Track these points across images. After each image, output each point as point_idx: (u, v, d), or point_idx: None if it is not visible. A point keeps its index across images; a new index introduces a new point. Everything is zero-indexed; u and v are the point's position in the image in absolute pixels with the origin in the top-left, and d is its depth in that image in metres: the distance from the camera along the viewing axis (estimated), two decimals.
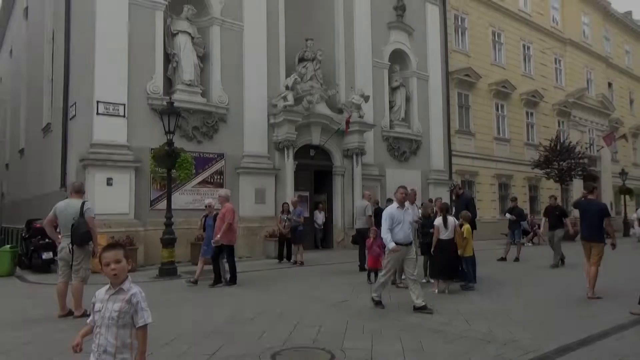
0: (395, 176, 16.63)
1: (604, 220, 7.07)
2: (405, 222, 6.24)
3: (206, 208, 9.09)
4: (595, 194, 7.60)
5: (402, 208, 6.34)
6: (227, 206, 8.30)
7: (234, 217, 8.29)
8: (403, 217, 6.27)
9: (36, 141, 15.63)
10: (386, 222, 6.23)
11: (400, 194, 6.43)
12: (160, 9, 12.20)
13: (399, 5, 17.71)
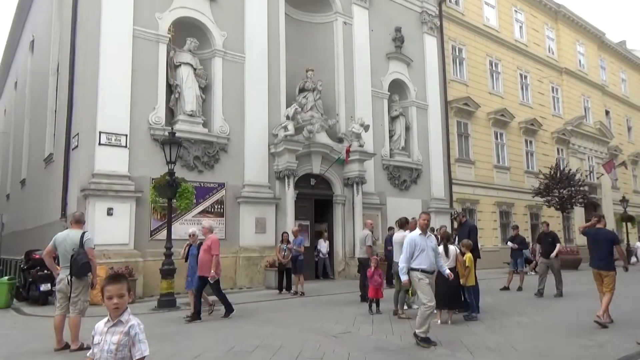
0: (396, 205, 16.64)
1: (614, 248, 7.11)
2: (428, 248, 6.08)
3: (189, 237, 8.89)
4: (603, 222, 7.67)
5: (424, 235, 6.19)
6: (212, 237, 8.16)
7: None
8: (426, 243, 6.12)
9: (38, 172, 15.70)
10: (407, 250, 6.07)
11: (422, 220, 6.28)
12: (163, 42, 12.45)
13: (397, 37, 18.05)
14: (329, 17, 16.63)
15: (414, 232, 6.36)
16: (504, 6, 24.53)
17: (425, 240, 6.15)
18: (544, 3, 26.79)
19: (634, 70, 35.93)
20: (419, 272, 6.01)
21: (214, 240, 8.07)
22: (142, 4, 12.16)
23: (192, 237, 8.80)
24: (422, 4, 19.37)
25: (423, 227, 6.24)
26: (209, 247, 7.98)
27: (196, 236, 8.78)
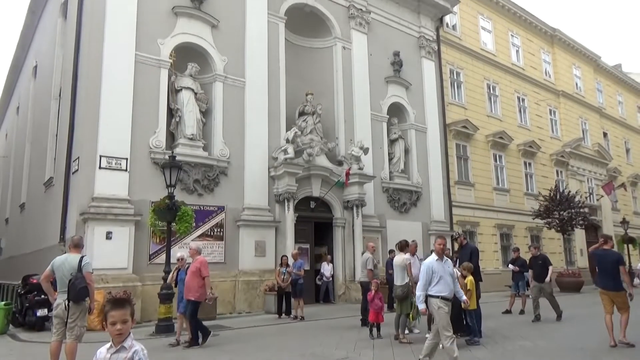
0: (396, 227, 16.59)
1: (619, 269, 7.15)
2: (446, 274, 5.89)
3: (178, 261, 8.68)
4: (610, 244, 7.70)
5: (441, 260, 6.01)
6: (200, 259, 7.93)
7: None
8: (444, 269, 5.93)
9: (37, 195, 15.70)
10: (424, 277, 5.85)
11: (438, 245, 6.12)
12: (165, 67, 12.61)
13: (396, 61, 18.29)
14: (328, 42, 16.88)
15: (430, 257, 6.16)
16: (500, 31, 24.94)
17: (443, 266, 5.96)
18: (540, 27, 27.24)
19: (630, 93, 36.31)
20: (439, 300, 5.76)
21: (203, 262, 7.85)
22: (144, 30, 12.36)
23: (181, 261, 8.60)
24: (419, 29, 19.69)
25: (439, 252, 6.06)
26: (198, 269, 7.73)
27: (184, 260, 8.59)
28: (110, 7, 11.93)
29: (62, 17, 15.32)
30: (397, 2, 19.03)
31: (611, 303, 7.18)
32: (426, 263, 6.07)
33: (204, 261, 7.89)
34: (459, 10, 22.32)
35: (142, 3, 12.41)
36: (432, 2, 19.81)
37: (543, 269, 10.87)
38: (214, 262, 12.47)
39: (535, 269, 11.10)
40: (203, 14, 13.37)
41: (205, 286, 7.74)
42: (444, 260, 6.06)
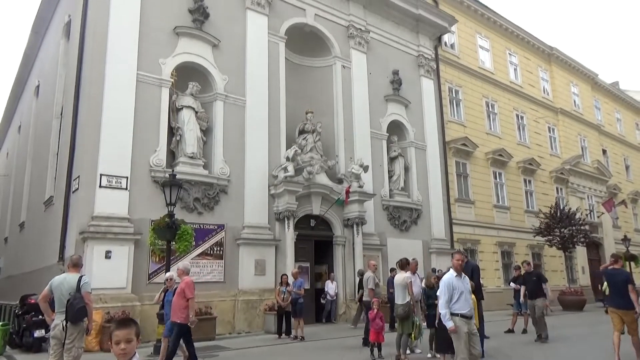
0: (397, 246, 16.52)
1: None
2: (466, 291, 5.77)
3: (166, 282, 8.41)
4: (620, 263, 7.77)
5: (459, 277, 5.90)
6: (186, 280, 7.62)
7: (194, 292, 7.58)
8: (463, 286, 5.81)
9: (37, 214, 15.68)
10: (445, 294, 5.72)
11: (456, 261, 5.98)
12: (166, 86, 12.72)
13: (395, 80, 18.45)
14: (328, 61, 17.05)
15: (449, 273, 6.01)
16: (498, 49, 25.20)
17: (462, 282, 5.84)
18: (537, 46, 27.54)
19: (629, 110, 36.52)
20: (458, 318, 5.63)
21: (188, 283, 7.56)
22: (146, 50, 12.49)
23: (169, 281, 8.31)
24: (418, 48, 19.91)
25: (458, 269, 5.92)
26: (183, 290, 7.46)
27: (173, 280, 8.26)
28: (113, 27, 12.08)
29: (65, 37, 15.50)
30: (396, 22, 19.28)
31: (621, 321, 7.22)
32: (445, 280, 5.93)
33: (189, 282, 7.60)
34: (457, 29, 22.59)
35: (144, 23, 12.57)
36: (431, 21, 20.07)
37: (537, 285, 10.73)
38: (213, 282, 12.45)
39: (528, 285, 10.95)
40: (204, 34, 13.53)
41: (189, 308, 7.42)
42: (462, 277, 5.94)
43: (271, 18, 15.21)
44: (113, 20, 12.12)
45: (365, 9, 18.09)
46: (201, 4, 13.52)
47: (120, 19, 12.19)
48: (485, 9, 24.48)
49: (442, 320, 5.77)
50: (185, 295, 7.40)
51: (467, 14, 23.41)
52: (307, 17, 16.34)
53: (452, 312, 5.69)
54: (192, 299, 7.43)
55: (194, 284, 7.68)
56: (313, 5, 16.51)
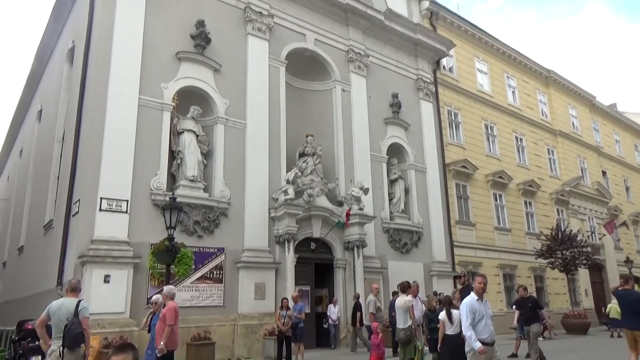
0: (397, 268, 16.41)
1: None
2: (487, 315, 5.56)
3: (153, 305, 8.23)
4: (630, 283, 7.75)
5: (481, 300, 5.71)
6: (169, 305, 7.39)
7: (176, 318, 7.31)
8: (485, 310, 5.61)
9: (36, 238, 15.63)
10: (467, 317, 5.52)
11: (478, 284, 5.81)
12: (167, 110, 12.83)
13: (394, 103, 18.61)
14: (328, 85, 17.24)
15: (470, 296, 5.81)
16: (496, 72, 25.50)
17: (483, 306, 5.65)
18: (534, 69, 27.87)
19: (627, 132, 36.73)
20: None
21: (170, 308, 7.31)
22: (148, 74, 12.65)
23: (155, 305, 8.13)
24: (417, 72, 20.15)
25: (479, 292, 5.73)
26: (164, 315, 7.25)
27: (160, 304, 8.08)
28: (116, 52, 12.26)
29: (68, 63, 15.71)
30: (395, 46, 19.56)
31: (635, 342, 7.16)
32: (467, 302, 5.74)
33: (171, 307, 7.34)
34: (455, 53, 22.90)
35: (147, 49, 12.76)
36: (429, 45, 20.36)
37: (533, 311, 10.61)
38: (212, 306, 12.32)
39: (524, 311, 10.84)
40: (206, 58, 13.71)
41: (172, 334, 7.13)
42: (484, 300, 5.74)
43: (272, 43, 15.44)
44: (116, 46, 12.30)
45: (365, 33, 18.38)
46: (203, 29, 13.74)
47: (123, 45, 12.38)
48: (483, 33, 24.87)
49: (469, 341, 5.53)
50: (165, 321, 7.16)
51: (464, 38, 23.77)
52: (307, 42, 16.59)
53: None
54: (171, 325, 7.12)
55: (177, 310, 7.41)
56: (313, 31, 16.78)
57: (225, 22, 14.57)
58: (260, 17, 15.13)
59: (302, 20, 16.53)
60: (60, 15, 16.89)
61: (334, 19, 17.47)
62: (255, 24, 15.04)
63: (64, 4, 16.24)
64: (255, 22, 15.02)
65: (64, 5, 16.26)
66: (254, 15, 15.00)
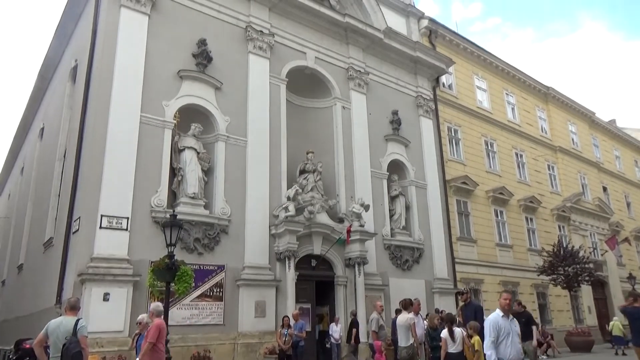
0: (399, 286, 16.30)
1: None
2: (513, 333, 5.33)
3: (138, 325, 8.01)
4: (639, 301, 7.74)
5: (507, 317, 5.46)
6: (155, 322, 7.17)
7: (159, 335, 6.97)
8: (510, 327, 5.38)
9: (36, 256, 15.57)
10: (490, 334, 5.32)
11: (504, 300, 5.57)
12: (169, 128, 12.89)
13: (394, 120, 18.70)
14: (328, 102, 17.35)
15: (494, 313, 5.57)
16: (495, 89, 25.68)
17: (509, 324, 5.41)
18: (533, 86, 28.07)
19: (627, 148, 36.82)
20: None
21: (154, 325, 7.06)
22: (150, 92, 12.75)
23: (141, 324, 7.94)
24: (417, 89, 20.29)
25: (505, 308, 5.48)
26: (148, 333, 7.01)
27: (145, 324, 7.92)
28: (118, 71, 12.37)
29: (71, 81, 15.86)
30: (395, 64, 19.74)
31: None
32: (491, 319, 5.52)
33: (155, 324, 7.08)
34: (454, 70, 23.09)
35: (149, 67, 12.89)
36: (428, 63, 20.55)
37: (527, 328, 10.44)
38: (212, 324, 12.20)
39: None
40: (207, 77, 13.83)
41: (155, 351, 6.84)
42: (510, 318, 5.50)
43: (272, 61, 15.59)
44: (119, 65, 12.42)
45: (365, 51, 18.56)
46: (205, 48, 13.89)
47: (125, 63, 12.50)
48: (482, 50, 25.11)
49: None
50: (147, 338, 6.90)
51: (463, 56, 23.99)
52: (308, 60, 16.76)
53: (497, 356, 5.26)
54: (150, 342, 6.80)
55: (161, 328, 7.11)
56: (313, 49, 16.96)
57: (227, 40, 14.74)
58: (261, 35, 15.31)
59: (302, 38, 16.72)
60: (63, 35, 17.10)
61: (334, 37, 17.67)
62: (256, 42, 15.21)
63: (67, 23, 16.46)
64: (256, 40, 15.19)
65: (68, 24, 16.47)
66: (255, 34, 15.18)
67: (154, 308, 7.60)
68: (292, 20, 16.56)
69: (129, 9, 12.93)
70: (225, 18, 14.89)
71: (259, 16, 15.50)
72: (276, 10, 16.05)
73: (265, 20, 15.65)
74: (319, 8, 16.90)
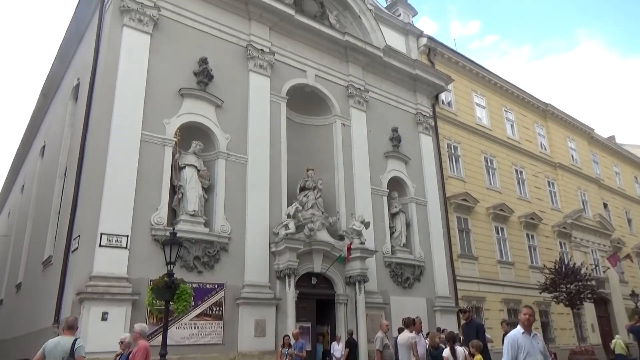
0: (400, 304, 16.16)
1: None
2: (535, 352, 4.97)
3: (120, 345, 7.83)
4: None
5: (528, 334, 5.14)
6: (140, 345, 6.95)
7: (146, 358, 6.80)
8: (532, 345, 5.05)
9: (35, 275, 15.47)
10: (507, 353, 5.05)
11: (524, 315, 5.30)
12: (169, 145, 12.93)
13: (394, 137, 18.77)
14: (328, 120, 17.44)
15: (515, 330, 5.29)
16: (494, 106, 25.83)
17: (531, 341, 5.08)
18: (532, 103, 28.24)
19: (627, 164, 36.87)
20: None
21: (140, 348, 6.86)
22: (151, 110, 12.82)
23: (123, 344, 7.77)
24: (416, 106, 20.41)
25: (525, 324, 5.20)
26: (134, 356, 6.84)
27: (127, 343, 7.74)
28: (120, 89, 12.46)
29: (73, 99, 15.97)
30: (394, 82, 19.89)
31: None
32: (510, 336, 5.25)
33: (142, 347, 6.88)
34: (454, 88, 23.26)
35: (150, 86, 12.98)
36: (427, 81, 20.71)
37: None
38: (211, 344, 12.07)
39: None
40: (208, 95, 13.93)
41: None
42: (531, 334, 5.18)
43: (273, 79, 15.71)
44: (120, 83, 12.52)
45: (364, 69, 18.72)
46: (206, 66, 14.02)
47: (127, 82, 12.60)
48: (480, 68, 25.33)
49: None
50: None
51: (462, 73, 24.19)
52: (308, 77, 16.89)
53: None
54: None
55: (148, 351, 6.87)
56: (313, 67, 17.11)
57: (228, 59, 14.88)
58: (261, 54, 15.46)
59: (302, 56, 16.88)
60: (66, 54, 17.27)
61: (334, 55, 17.84)
62: (257, 60, 15.35)
63: (70, 42, 16.64)
64: (256, 59, 15.34)
65: (71, 44, 16.66)
66: (255, 52, 15.33)
67: (140, 330, 7.39)
68: (293, 38, 16.75)
69: (132, 29, 13.10)
70: (226, 37, 15.06)
71: (259, 35, 15.68)
72: (277, 29, 16.24)
73: (266, 39, 15.83)
74: (319, 27, 17.11)
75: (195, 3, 14.58)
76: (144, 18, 13.27)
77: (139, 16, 13.20)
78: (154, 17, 13.46)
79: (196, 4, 14.58)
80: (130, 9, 13.09)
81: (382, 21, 20.18)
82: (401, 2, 22.54)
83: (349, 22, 18.78)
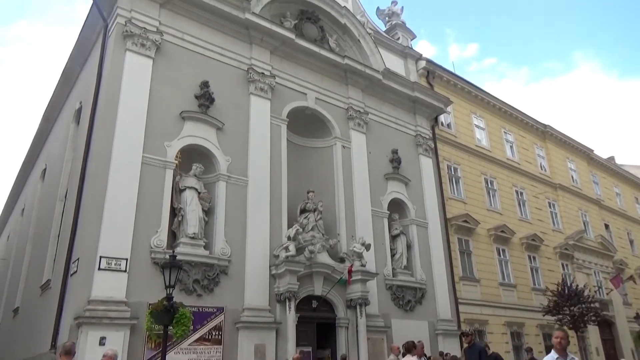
0: (402, 327, 15.93)
1: None
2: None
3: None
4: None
5: (564, 358, 4.97)
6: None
7: None
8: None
9: (33, 299, 15.31)
10: None
11: (556, 339, 5.10)
12: (170, 168, 12.96)
13: (394, 158, 18.82)
14: (328, 142, 17.51)
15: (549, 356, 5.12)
16: (493, 128, 25.97)
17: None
18: (531, 124, 28.39)
19: (627, 185, 36.85)
20: None
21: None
22: (152, 133, 12.88)
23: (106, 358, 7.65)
24: (416, 128, 20.52)
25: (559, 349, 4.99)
26: None
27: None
28: (122, 112, 12.55)
29: (74, 123, 16.07)
30: (393, 104, 20.05)
31: None
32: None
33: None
34: (453, 109, 23.42)
35: (152, 109, 13.08)
36: (427, 103, 20.87)
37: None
38: None
39: None
40: (209, 117, 14.02)
41: None
42: (568, 357, 5.00)
43: (274, 102, 15.85)
44: (122, 106, 12.62)
45: (364, 92, 18.90)
46: (207, 90, 14.15)
47: (129, 105, 12.70)
48: (479, 90, 25.57)
49: None
50: None
51: (461, 96, 24.40)
52: (308, 100, 17.04)
53: None
54: None
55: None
56: (313, 90, 17.27)
57: (229, 82, 15.04)
58: (262, 77, 15.62)
59: (303, 79, 17.06)
60: (69, 78, 17.45)
61: (333, 78, 18.03)
62: (258, 84, 15.50)
63: (74, 67, 16.83)
64: (257, 82, 15.49)
65: (74, 68, 16.85)
66: (256, 75, 15.50)
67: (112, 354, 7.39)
68: (293, 62, 16.95)
69: (134, 53, 13.27)
70: (228, 61, 15.24)
71: (260, 59, 15.87)
72: (277, 53, 16.45)
73: (267, 62, 16.02)
74: (319, 51, 17.34)
75: (198, 28, 14.81)
76: (146, 43, 13.46)
77: (141, 41, 13.39)
78: (156, 42, 13.65)
79: (198, 29, 14.81)
80: (133, 34, 13.28)
81: (381, 44, 20.46)
82: (400, 26, 22.87)
83: (348, 46, 19.04)
